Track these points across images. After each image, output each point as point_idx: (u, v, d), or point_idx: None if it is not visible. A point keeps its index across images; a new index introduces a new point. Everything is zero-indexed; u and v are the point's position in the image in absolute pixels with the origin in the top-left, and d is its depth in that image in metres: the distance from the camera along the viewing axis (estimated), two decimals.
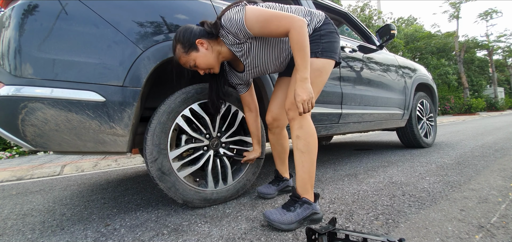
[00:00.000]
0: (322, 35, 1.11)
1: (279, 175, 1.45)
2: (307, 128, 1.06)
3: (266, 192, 1.38)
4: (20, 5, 0.95)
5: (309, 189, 1.06)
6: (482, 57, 21.36)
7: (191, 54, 1.06)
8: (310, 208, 1.03)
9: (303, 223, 1.01)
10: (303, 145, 1.05)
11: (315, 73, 1.08)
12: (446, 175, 1.66)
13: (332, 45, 1.12)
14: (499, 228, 0.91)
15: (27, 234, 1.13)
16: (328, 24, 1.14)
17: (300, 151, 1.06)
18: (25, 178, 2.62)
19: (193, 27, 1.08)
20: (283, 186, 1.44)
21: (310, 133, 1.06)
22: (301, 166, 1.06)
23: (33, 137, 0.96)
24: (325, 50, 1.10)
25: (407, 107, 2.64)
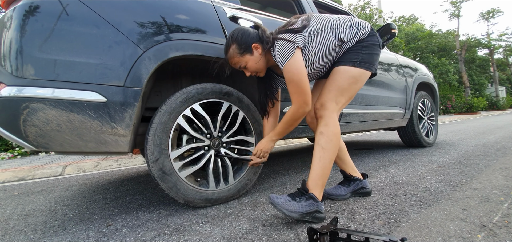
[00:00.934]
0: (364, 46, 1.14)
1: (347, 175, 1.34)
2: (332, 126, 1.10)
3: (335, 193, 1.28)
4: (21, 6, 0.95)
5: (319, 186, 1.07)
6: (483, 56, 21.28)
7: (245, 56, 1.14)
8: (315, 205, 1.02)
9: (304, 217, 1.00)
10: (325, 142, 1.08)
11: (351, 80, 1.14)
12: (447, 174, 1.65)
13: (371, 57, 1.16)
14: (501, 227, 0.91)
15: (29, 235, 1.14)
16: (372, 36, 1.17)
17: (321, 147, 1.08)
18: (27, 178, 2.63)
19: (250, 30, 1.14)
20: (356, 187, 1.30)
21: (335, 132, 1.10)
22: (318, 161, 1.07)
23: (35, 138, 0.96)
24: (364, 61, 1.13)
25: (408, 106, 2.64)
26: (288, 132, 1.19)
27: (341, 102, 1.15)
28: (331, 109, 1.12)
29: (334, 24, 1.14)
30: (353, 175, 1.33)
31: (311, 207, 1.02)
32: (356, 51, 1.14)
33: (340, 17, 1.18)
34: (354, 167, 1.36)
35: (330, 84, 1.15)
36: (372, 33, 1.17)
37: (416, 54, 17.54)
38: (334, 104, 1.13)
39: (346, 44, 1.15)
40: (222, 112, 1.33)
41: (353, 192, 1.31)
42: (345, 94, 1.14)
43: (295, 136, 1.70)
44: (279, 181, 1.74)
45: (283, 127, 1.18)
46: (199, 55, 1.25)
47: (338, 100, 1.14)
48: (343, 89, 1.13)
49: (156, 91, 1.49)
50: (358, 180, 1.31)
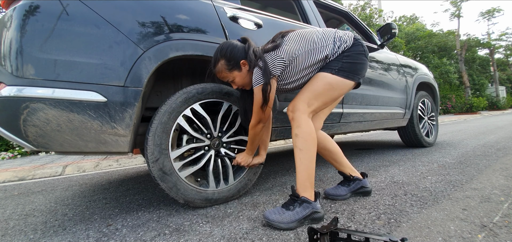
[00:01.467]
0: (345, 55, 1.14)
1: (346, 175, 1.34)
2: (305, 126, 1.10)
3: (335, 193, 1.29)
4: (21, 6, 0.95)
5: (308, 187, 1.06)
6: (484, 56, 21.27)
7: (233, 72, 1.15)
8: (310, 207, 1.02)
9: (303, 223, 1.01)
10: (301, 143, 1.08)
11: (326, 86, 1.14)
12: (448, 174, 1.65)
13: (353, 66, 1.15)
14: (501, 227, 0.91)
15: (29, 234, 1.14)
16: (356, 46, 1.16)
17: (298, 149, 1.09)
18: (27, 178, 2.63)
19: (238, 45, 1.15)
20: (356, 186, 1.31)
21: (308, 131, 1.09)
22: (299, 164, 1.08)
23: (35, 137, 0.96)
24: (342, 69, 1.13)
25: (409, 106, 2.63)
26: (255, 145, 1.28)
27: (313, 106, 1.14)
28: (302, 110, 1.12)
29: (318, 44, 1.14)
30: (353, 175, 1.32)
31: (307, 210, 1.02)
32: (337, 59, 1.15)
33: (325, 33, 1.17)
34: (352, 167, 1.36)
35: (306, 87, 1.17)
36: (356, 43, 1.17)
37: (416, 54, 17.52)
38: (305, 105, 1.13)
39: (330, 58, 1.15)
40: (222, 112, 1.33)
41: (353, 192, 1.31)
42: (319, 99, 1.14)
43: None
44: (279, 180, 1.74)
45: (249, 143, 1.27)
46: (199, 55, 1.25)
47: (311, 102, 1.13)
48: (318, 93, 1.14)
49: (156, 91, 1.49)
50: (358, 180, 1.31)
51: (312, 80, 1.17)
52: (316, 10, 2.04)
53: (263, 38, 1.51)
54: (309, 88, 1.15)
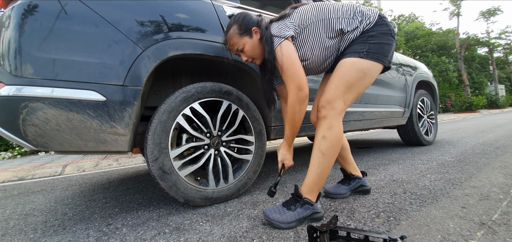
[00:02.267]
0: (370, 36, 1.04)
1: (347, 173, 1.33)
2: (336, 131, 1.01)
3: (335, 192, 1.28)
4: (19, 5, 0.95)
5: (315, 191, 1.03)
6: (483, 54, 21.28)
7: (243, 38, 1.11)
8: (311, 208, 1.01)
9: (303, 222, 1.01)
10: (327, 148, 1.01)
11: (359, 74, 1.03)
12: (447, 172, 1.66)
13: (381, 47, 1.04)
14: (500, 225, 0.91)
15: (29, 234, 1.14)
16: (381, 25, 1.06)
17: (321, 152, 1.01)
18: (27, 178, 2.63)
19: (252, 14, 1.14)
20: (356, 185, 1.31)
21: (337, 137, 1.02)
22: (316, 167, 1.01)
23: (34, 137, 0.96)
24: (371, 51, 1.03)
25: (408, 105, 2.64)
26: (296, 131, 1.11)
27: (348, 101, 1.05)
28: (339, 110, 1.02)
29: (332, 14, 1.07)
30: (354, 174, 1.32)
31: (308, 211, 1.01)
32: (363, 42, 1.03)
33: (344, 6, 1.08)
34: (356, 166, 1.35)
35: (337, 78, 1.04)
36: (381, 22, 1.06)
37: (416, 53, 17.53)
38: (342, 103, 1.03)
39: (348, 35, 1.06)
40: (221, 111, 1.33)
41: (353, 190, 1.32)
42: (353, 91, 1.04)
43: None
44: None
45: (288, 129, 1.12)
46: (199, 54, 1.25)
47: (346, 98, 1.04)
48: (351, 84, 1.03)
49: (156, 90, 1.49)
50: (358, 178, 1.32)
51: (341, 68, 1.05)
52: None
53: None
54: (341, 80, 1.03)
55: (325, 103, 1.04)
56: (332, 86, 1.04)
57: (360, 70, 1.03)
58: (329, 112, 1.02)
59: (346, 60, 1.05)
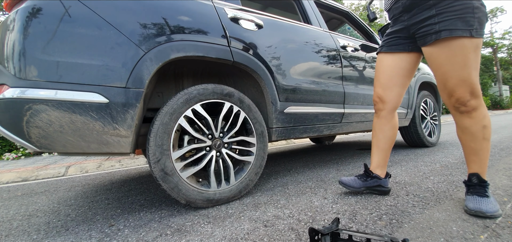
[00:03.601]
0: (475, 7, 0.95)
1: (368, 170, 1.31)
2: (488, 116, 1.05)
3: (348, 183, 1.30)
4: (24, 8, 0.96)
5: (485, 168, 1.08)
6: (487, 55, 21.10)
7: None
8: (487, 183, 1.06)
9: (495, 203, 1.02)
10: (489, 133, 1.05)
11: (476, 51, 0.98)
12: (450, 174, 1.64)
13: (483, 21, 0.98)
14: (504, 228, 0.90)
15: (33, 235, 1.15)
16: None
17: (486, 140, 1.05)
18: (30, 179, 2.65)
19: None
20: (373, 184, 1.30)
21: (490, 121, 1.06)
22: (483, 152, 1.05)
23: (38, 139, 0.97)
24: (480, 27, 0.97)
25: (411, 106, 2.62)
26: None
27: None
28: (481, 97, 1.03)
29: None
30: (374, 172, 1.31)
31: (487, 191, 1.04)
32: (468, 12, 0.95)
33: None
34: (385, 164, 1.33)
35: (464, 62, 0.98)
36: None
37: None
38: (479, 89, 1.02)
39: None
40: (223, 113, 1.33)
41: (369, 188, 1.31)
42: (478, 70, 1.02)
43: (296, 136, 1.70)
44: (280, 181, 1.74)
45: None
46: (201, 56, 1.25)
47: (478, 80, 1.02)
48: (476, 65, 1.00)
49: (158, 92, 1.50)
50: (377, 178, 1.30)
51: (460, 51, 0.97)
52: (317, 10, 2.04)
53: (264, 38, 1.52)
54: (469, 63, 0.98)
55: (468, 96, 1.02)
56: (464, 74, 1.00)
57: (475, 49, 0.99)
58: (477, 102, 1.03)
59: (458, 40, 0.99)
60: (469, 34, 0.95)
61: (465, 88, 1.00)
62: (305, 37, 1.75)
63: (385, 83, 1.24)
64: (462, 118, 1.06)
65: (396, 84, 1.23)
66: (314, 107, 1.75)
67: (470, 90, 1.00)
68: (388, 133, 1.29)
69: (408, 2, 1.11)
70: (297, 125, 1.67)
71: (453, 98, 1.04)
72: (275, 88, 1.52)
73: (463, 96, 1.01)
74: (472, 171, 1.09)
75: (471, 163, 1.09)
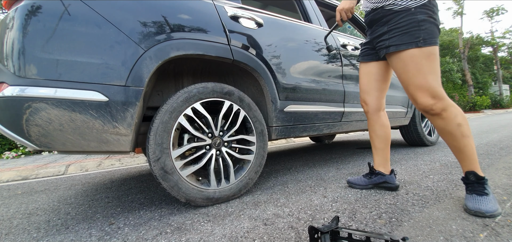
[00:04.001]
0: (419, 21, 1.03)
1: (372, 168, 1.38)
2: (460, 111, 1.06)
3: (354, 182, 1.40)
4: (23, 6, 0.96)
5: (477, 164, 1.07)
6: (487, 54, 21.09)
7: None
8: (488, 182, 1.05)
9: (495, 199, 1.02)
10: (467, 129, 1.05)
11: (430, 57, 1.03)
12: (450, 173, 1.64)
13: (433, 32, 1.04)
14: (503, 226, 0.90)
15: (33, 233, 1.15)
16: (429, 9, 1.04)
17: (466, 137, 1.05)
18: (30, 177, 2.65)
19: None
20: (378, 180, 1.36)
21: (464, 115, 1.06)
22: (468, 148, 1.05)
23: (38, 137, 0.97)
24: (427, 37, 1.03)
25: (411, 105, 2.62)
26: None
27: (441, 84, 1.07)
28: (446, 97, 1.05)
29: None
30: (377, 169, 1.37)
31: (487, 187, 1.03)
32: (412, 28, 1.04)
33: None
34: (387, 162, 1.38)
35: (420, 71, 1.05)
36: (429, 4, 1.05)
37: None
38: (441, 89, 1.05)
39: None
40: (223, 111, 1.33)
41: (375, 185, 1.38)
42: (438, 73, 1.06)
43: (296, 135, 1.70)
44: (280, 180, 1.74)
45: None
46: (200, 54, 1.25)
47: (439, 82, 1.05)
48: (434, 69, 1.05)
49: (158, 91, 1.50)
50: (381, 174, 1.36)
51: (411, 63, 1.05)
52: (317, 9, 2.03)
53: (264, 37, 1.51)
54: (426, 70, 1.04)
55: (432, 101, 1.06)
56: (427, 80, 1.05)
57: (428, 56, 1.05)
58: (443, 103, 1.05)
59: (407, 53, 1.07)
60: (416, 45, 1.03)
61: (423, 93, 1.06)
62: (305, 36, 1.75)
63: (364, 88, 1.36)
64: (435, 121, 1.09)
65: (374, 89, 1.33)
66: (314, 106, 1.74)
67: (430, 94, 1.05)
68: (379, 132, 1.36)
69: (369, 19, 1.23)
70: (297, 124, 1.67)
71: (418, 104, 1.10)
72: (275, 87, 1.51)
73: (424, 101, 1.06)
74: (466, 169, 1.10)
75: (461, 161, 1.10)
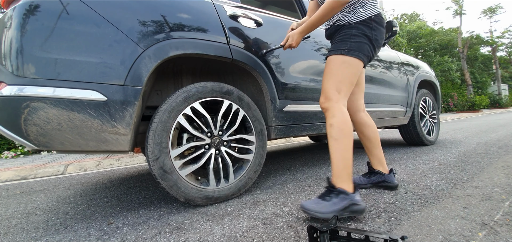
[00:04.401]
0: (352, 35, 1.14)
1: (370, 167, 1.42)
2: (339, 115, 1.09)
3: (354, 181, 1.39)
4: (21, 5, 0.96)
5: (345, 178, 1.05)
6: (486, 53, 21.13)
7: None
8: (348, 199, 1.00)
9: (343, 214, 1.00)
10: (336, 132, 1.08)
11: (344, 65, 1.12)
12: (449, 172, 1.65)
13: (361, 46, 1.13)
14: (502, 225, 0.91)
15: (31, 233, 1.15)
16: (367, 27, 1.14)
17: (334, 139, 1.08)
18: (29, 177, 2.65)
19: None
20: (377, 180, 1.37)
21: (343, 120, 1.09)
22: (335, 154, 1.08)
23: (36, 136, 0.97)
24: (352, 49, 1.12)
25: (410, 104, 2.62)
26: (316, 26, 1.18)
27: (343, 90, 1.13)
28: (335, 99, 1.11)
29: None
30: (376, 168, 1.38)
31: (345, 202, 1.00)
32: (344, 40, 1.15)
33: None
34: (383, 161, 1.39)
35: (326, 76, 1.16)
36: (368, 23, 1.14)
37: (418, 52, 17.45)
38: (336, 93, 1.12)
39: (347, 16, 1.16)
40: (222, 111, 1.33)
41: (375, 184, 1.39)
42: (344, 81, 1.13)
43: (295, 134, 1.70)
44: (279, 179, 1.74)
45: (314, 19, 1.16)
46: (199, 53, 1.25)
47: (339, 88, 1.12)
48: (340, 76, 1.12)
49: (157, 90, 1.49)
50: (380, 174, 1.37)
51: (328, 67, 1.16)
52: None
53: (264, 36, 1.51)
54: (330, 75, 1.14)
55: (323, 100, 1.15)
56: (325, 84, 1.15)
57: (344, 62, 1.13)
58: (329, 104, 1.12)
59: (330, 58, 1.17)
60: (340, 53, 1.13)
61: (323, 93, 1.15)
62: None
63: None
64: None
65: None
66: (314, 106, 1.74)
67: (325, 95, 1.14)
68: (366, 132, 1.39)
69: (327, 34, 1.32)
70: (296, 123, 1.67)
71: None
72: (274, 86, 1.51)
73: (321, 99, 1.17)
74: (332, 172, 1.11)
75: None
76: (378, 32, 1.16)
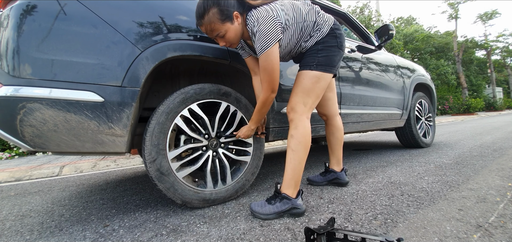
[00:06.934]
0: (319, 50, 1.19)
1: (326, 167, 1.56)
2: (301, 128, 1.16)
3: (313, 179, 1.58)
4: (18, 5, 0.95)
5: (291, 186, 1.14)
6: (481, 57, 21.40)
7: (225, 24, 1.05)
8: (289, 203, 1.11)
9: (282, 216, 1.11)
10: (295, 144, 1.15)
11: (313, 80, 1.19)
12: (444, 174, 1.66)
13: (328, 59, 1.20)
14: (497, 227, 0.92)
15: (26, 235, 1.13)
16: (331, 37, 1.20)
17: (291, 149, 1.15)
18: (24, 179, 2.61)
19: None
20: (331, 177, 1.53)
21: (304, 134, 1.15)
22: (289, 163, 1.15)
23: (32, 138, 0.96)
24: (320, 64, 1.19)
25: (406, 107, 2.65)
26: (262, 117, 1.25)
27: (308, 104, 1.19)
28: (299, 112, 1.17)
29: (306, 20, 1.17)
30: (330, 167, 1.54)
31: (286, 206, 1.10)
32: (312, 55, 1.20)
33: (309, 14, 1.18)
34: (340, 160, 1.52)
35: (295, 88, 1.21)
36: (332, 34, 1.20)
37: (414, 55, 17.63)
38: (301, 106, 1.18)
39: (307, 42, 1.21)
40: (220, 112, 1.33)
41: (329, 181, 1.54)
42: (311, 94, 1.19)
43: None
44: (276, 181, 1.74)
45: (256, 115, 1.23)
46: (197, 55, 1.25)
47: (305, 101, 1.18)
48: (308, 90, 1.18)
49: (154, 92, 1.49)
50: (333, 172, 1.52)
51: (298, 80, 1.21)
52: None
53: None
54: (299, 88, 1.20)
55: (289, 109, 1.21)
56: (293, 96, 1.21)
57: (313, 76, 1.19)
58: (293, 115, 1.18)
59: (301, 72, 1.22)
60: (309, 68, 1.19)
61: (289, 103, 1.21)
62: None
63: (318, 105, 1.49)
64: None
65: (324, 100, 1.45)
66: None
67: (291, 106, 1.20)
68: (336, 134, 1.49)
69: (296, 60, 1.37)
70: None
71: None
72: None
73: (287, 110, 1.22)
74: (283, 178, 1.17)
75: None
76: (341, 37, 1.23)
